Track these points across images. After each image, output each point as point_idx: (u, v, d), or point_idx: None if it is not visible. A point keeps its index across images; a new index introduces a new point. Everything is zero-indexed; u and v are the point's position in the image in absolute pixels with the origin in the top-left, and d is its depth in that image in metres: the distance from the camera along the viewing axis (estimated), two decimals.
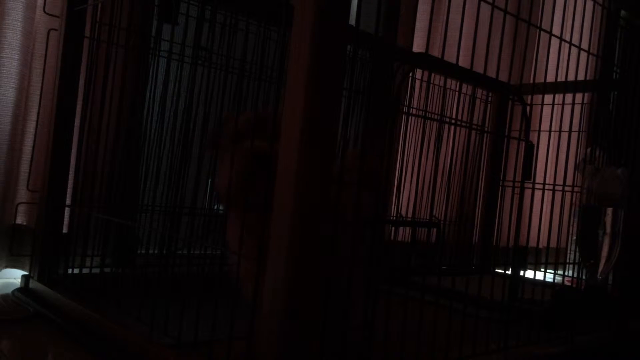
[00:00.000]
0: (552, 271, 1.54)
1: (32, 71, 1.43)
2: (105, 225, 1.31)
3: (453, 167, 1.93)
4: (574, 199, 1.53)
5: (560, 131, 1.27)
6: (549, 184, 1.28)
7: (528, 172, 1.36)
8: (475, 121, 2.04)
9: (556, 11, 1.18)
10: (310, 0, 0.66)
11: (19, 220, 1.42)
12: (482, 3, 0.95)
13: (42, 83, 1.41)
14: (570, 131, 1.23)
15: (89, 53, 1.30)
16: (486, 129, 2.07)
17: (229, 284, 0.86)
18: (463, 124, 1.77)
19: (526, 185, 1.26)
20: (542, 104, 2.15)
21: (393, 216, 1.83)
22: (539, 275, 1.86)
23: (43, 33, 1.41)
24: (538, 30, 1.15)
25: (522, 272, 1.34)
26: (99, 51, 1.30)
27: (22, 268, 1.41)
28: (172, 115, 1.21)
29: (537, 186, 1.34)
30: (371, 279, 0.83)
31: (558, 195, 1.30)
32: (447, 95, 1.86)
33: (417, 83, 1.81)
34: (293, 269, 0.66)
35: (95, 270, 1.30)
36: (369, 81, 1.68)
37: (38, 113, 1.41)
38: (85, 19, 1.29)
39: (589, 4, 1.25)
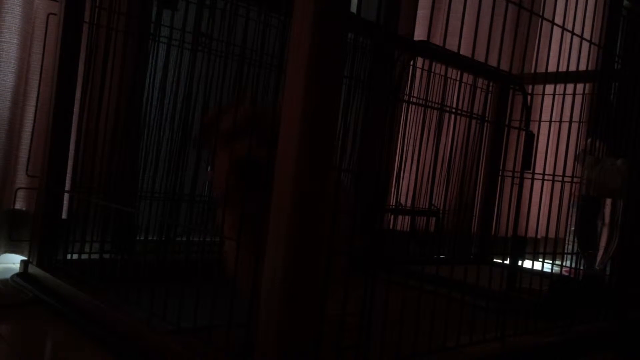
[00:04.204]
0: (550, 261, 1.55)
1: (31, 56, 1.42)
2: (105, 212, 1.31)
3: (453, 156, 1.93)
4: (573, 189, 1.53)
5: (560, 121, 1.26)
6: (548, 174, 1.28)
7: (528, 162, 1.36)
8: (475, 110, 2.03)
9: (558, 0, 1.18)
10: None
11: (18, 206, 1.42)
12: None
13: (41, 68, 1.40)
14: (570, 121, 1.22)
15: (89, 38, 1.29)
16: (487, 118, 2.06)
17: (226, 272, 0.86)
18: (463, 113, 1.76)
19: (526, 175, 1.26)
20: (543, 94, 2.14)
21: (392, 205, 1.84)
22: (537, 265, 1.86)
23: (42, 17, 1.40)
24: (540, 19, 1.15)
25: (520, 262, 1.34)
26: (98, 36, 1.29)
27: (21, 253, 1.41)
28: (172, 101, 1.21)
29: (536, 176, 1.34)
30: (370, 267, 0.83)
31: (557, 185, 1.30)
32: (448, 84, 1.86)
33: (418, 72, 1.81)
34: (291, 256, 0.66)
35: (95, 256, 1.31)
36: (369, 69, 1.67)
37: (37, 98, 1.41)
38: (85, 4, 1.28)
39: None
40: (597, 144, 1.79)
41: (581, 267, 1.69)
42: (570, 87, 1.82)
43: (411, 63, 1.45)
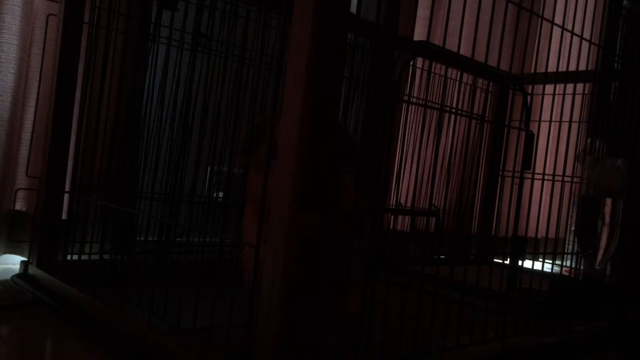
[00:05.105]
0: (551, 261, 1.55)
1: (30, 56, 1.42)
2: (105, 212, 1.31)
3: (453, 156, 1.93)
4: (573, 189, 1.53)
5: (560, 121, 1.26)
6: (548, 174, 1.28)
7: (528, 162, 1.36)
8: (475, 110, 2.03)
9: (558, 0, 1.18)
10: None
11: (18, 206, 1.42)
12: None
13: (41, 69, 1.40)
14: (570, 121, 1.22)
15: (88, 39, 1.29)
16: (486, 118, 2.07)
17: (228, 271, 0.86)
18: (463, 113, 1.76)
19: (526, 175, 1.26)
20: (543, 94, 2.15)
21: (392, 205, 1.84)
22: (537, 265, 1.86)
23: (42, 18, 1.40)
24: (540, 19, 1.15)
25: (520, 262, 1.34)
26: (98, 37, 1.29)
27: (21, 254, 1.41)
28: (172, 102, 1.21)
29: (536, 176, 1.34)
30: (369, 267, 0.83)
31: (557, 185, 1.30)
32: (448, 84, 1.86)
33: (418, 72, 1.81)
34: (293, 254, 0.66)
35: (95, 257, 1.31)
36: (369, 70, 1.67)
37: (37, 99, 1.41)
38: (85, 4, 1.28)
39: None
40: (597, 144, 1.79)
41: (581, 267, 1.69)
42: (570, 87, 1.82)
43: (411, 63, 1.45)
